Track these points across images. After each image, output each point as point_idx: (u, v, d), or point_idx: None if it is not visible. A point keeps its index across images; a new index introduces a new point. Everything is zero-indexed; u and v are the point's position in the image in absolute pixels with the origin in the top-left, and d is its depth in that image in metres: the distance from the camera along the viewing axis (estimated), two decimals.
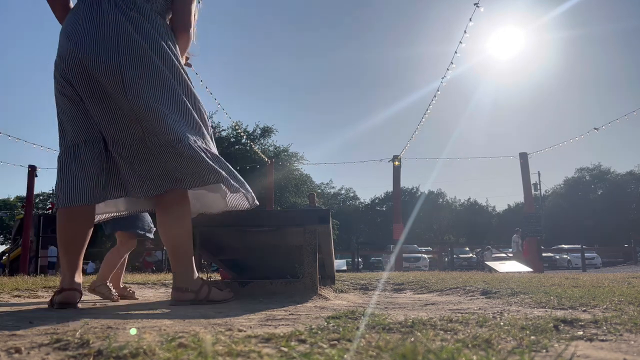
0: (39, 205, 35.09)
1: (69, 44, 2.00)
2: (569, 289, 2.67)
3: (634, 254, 20.28)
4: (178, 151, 1.98)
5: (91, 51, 1.96)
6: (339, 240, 37.16)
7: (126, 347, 0.83)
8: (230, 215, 2.54)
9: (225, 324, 1.32)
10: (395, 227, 13.66)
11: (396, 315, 1.50)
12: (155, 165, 2.02)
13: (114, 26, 2.00)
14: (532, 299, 2.15)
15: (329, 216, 2.72)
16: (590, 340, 1.04)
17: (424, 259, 22.50)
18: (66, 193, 1.98)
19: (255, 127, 31.45)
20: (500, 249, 19.23)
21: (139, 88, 1.97)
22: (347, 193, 58.57)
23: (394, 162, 13.74)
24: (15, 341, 0.95)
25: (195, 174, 2.03)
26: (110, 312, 1.85)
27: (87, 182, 1.98)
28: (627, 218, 40.38)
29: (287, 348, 0.88)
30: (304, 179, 34.32)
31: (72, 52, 1.98)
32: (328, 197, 50.87)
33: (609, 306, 1.71)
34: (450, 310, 1.85)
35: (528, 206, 13.98)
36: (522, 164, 13.52)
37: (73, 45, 1.99)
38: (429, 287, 3.64)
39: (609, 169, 48.17)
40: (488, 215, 55.37)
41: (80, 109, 2.03)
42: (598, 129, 12.11)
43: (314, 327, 1.17)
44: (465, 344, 0.93)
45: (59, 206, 2.02)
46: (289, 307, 2.01)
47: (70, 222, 2.03)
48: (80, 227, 2.05)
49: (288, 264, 3.37)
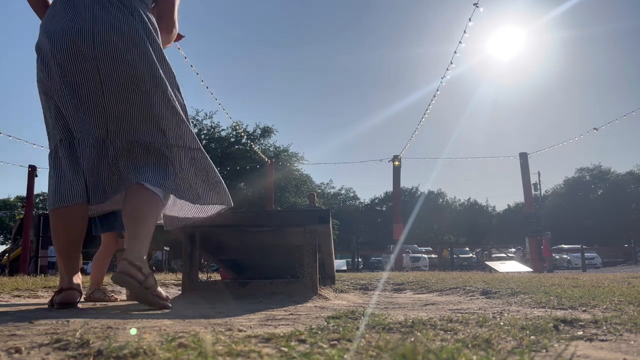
0: (39, 205, 35.06)
1: (60, 28, 1.94)
2: (569, 289, 2.67)
3: (634, 254, 20.29)
4: (196, 157, 2.09)
5: (89, 30, 1.91)
6: (339, 240, 37.17)
7: (126, 347, 0.83)
8: (231, 215, 2.54)
9: (225, 323, 1.32)
10: (395, 227, 13.67)
11: (396, 315, 1.50)
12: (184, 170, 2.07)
13: (99, 12, 1.95)
14: (532, 299, 2.15)
15: (329, 216, 2.72)
16: (590, 340, 1.04)
17: (423, 259, 22.51)
18: (55, 194, 1.95)
19: (255, 127, 31.48)
20: (500, 249, 19.23)
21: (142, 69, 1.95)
22: (347, 193, 58.60)
23: (394, 162, 13.75)
24: (15, 341, 0.95)
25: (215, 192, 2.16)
26: (110, 312, 1.85)
27: (77, 181, 1.95)
28: (627, 218, 40.38)
29: (287, 348, 0.88)
30: (304, 179, 34.32)
31: (64, 36, 1.92)
32: (328, 197, 50.86)
33: (609, 306, 1.71)
34: (450, 310, 1.85)
35: (528, 206, 13.99)
36: (522, 164, 13.53)
37: (63, 29, 1.93)
38: (429, 287, 3.64)
39: (609, 169, 48.24)
40: (488, 215, 55.38)
41: (65, 106, 1.98)
42: (598, 129, 12.12)
43: (314, 327, 1.17)
44: (465, 344, 0.93)
45: (49, 208, 1.98)
46: (289, 307, 2.01)
47: (63, 223, 1.98)
48: (73, 228, 2.00)
49: (288, 264, 3.37)
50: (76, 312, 1.83)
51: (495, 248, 19.39)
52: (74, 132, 1.99)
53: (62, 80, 1.95)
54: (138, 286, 1.82)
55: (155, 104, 2.00)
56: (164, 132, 2.03)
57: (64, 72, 1.93)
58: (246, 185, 28.54)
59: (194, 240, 2.77)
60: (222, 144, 30.64)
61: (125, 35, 1.95)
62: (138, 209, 1.94)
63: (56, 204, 1.95)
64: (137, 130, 2.00)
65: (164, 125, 2.03)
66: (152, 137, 2.02)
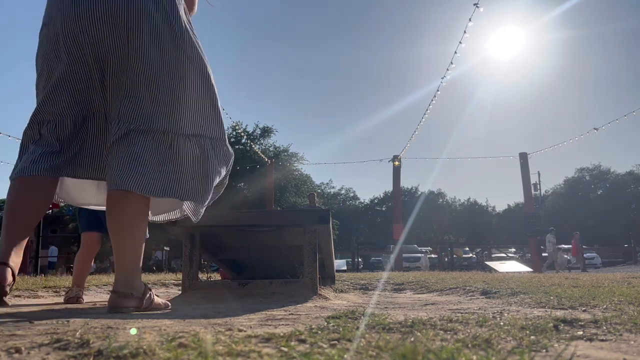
0: None
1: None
2: (569, 289, 2.67)
3: (634, 254, 20.29)
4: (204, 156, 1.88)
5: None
6: (339, 240, 37.15)
7: (126, 347, 0.83)
8: (231, 215, 2.54)
9: (225, 323, 1.32)
10: (395, 227, 13.68)
11: (396, 315, 1.50)
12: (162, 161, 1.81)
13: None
14: (532, 299, 2.15)
15: (329, 216, 2.72)
16: (590, 340, 1.04)
17: (424, 259, 22.50)
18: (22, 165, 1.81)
19: (255, 127, 31.45)
20: (500, 249, 19.25)
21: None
22: (347, 193, 58.58)
23: (394, 162, 13.76)
24: (15, 341, 0.95)
25: (202, 190, 1.89)
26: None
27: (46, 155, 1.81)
28: (627, 218, 40.39)
29: (287, 348, 0.88)
30: (304, 179, 34.32)
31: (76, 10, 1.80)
32: (328, 197, 50.87)
33: (609, 306, 1.71)
34: (450, 310, 1.85)
35: (528, 206, 13.99)
36: (522, 164, 13.54)
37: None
38: (429, 287, 3.65)
39: (609, 169, 48.21)
40: (488, 215, 55.38)
41: (70, 80, 1.85)
42: (598, 129, 12.12)
43: (314, 327, 1.17)
44: (465, 343, 0.93)
45: (10, 178, 1.84)
46: (289, 307, 2.01)
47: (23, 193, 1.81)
48: (32, 200, 1.81)
49: (288, 264, 3.38)
50: (76, 312, 1.83)
51: (495, 248, 19.40)
52: (80, 108, 1.86)
53: (70, 55, 1.83)
54: (139, 310, 1.77)
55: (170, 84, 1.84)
56: (179, 118, 1.85)
57: (72, 46, 1.82)
58: (246, 185, 28.54)
59: (194, 240, 2.77)
60: None
61: (134, 9, 1.82)
62: (122, 220, 1.78)
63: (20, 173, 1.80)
64: (147, 114, 1.81)
65: (177, 110, 1.85)
66: (163, 124, 1.82)
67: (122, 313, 1.70)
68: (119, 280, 1.76)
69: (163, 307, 1.92)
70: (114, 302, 1.74)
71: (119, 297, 1.74)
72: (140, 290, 1.79)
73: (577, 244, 15.39)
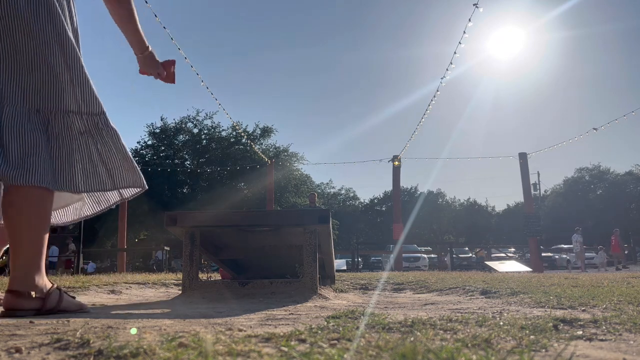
0: None
1: None
2: (569, 288, 2.67)
3: (634, 254, 20.27)
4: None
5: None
6: (339, 240, 37.15)
7: (126, 347, 0.83)
8: (231, 215, 2.54)
9: (225, 323, 1.32)
10: (395, 227, 13.68)
11: (396, 315, 1.50)
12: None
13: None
14: (531, 299, 2.15)
15: (329, 216, 2.72)
16: (589, 340, 1.04)
17: (423, 258, 22.50)
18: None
19: (255, 127, 31.46)
20: (499, 248, 19.25)
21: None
22: (347, 193, 58.54)
23: (394, 162, 13.76)
24: (15, 341, 0.95)
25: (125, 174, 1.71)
26: (110, 312, 1.86)
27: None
28: (627, 218, 40.37)
29: (287, 348, 0.88)
30: (304, 179, 34.31)
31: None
32: (328, 197, 50.86)
33: (609, 306, 1.72)
34: (449, 309, 1.85)
35: (528, 206, 13.99)
36: (522, 164, 13.53)
37: None
38: (429, 287, 3.65)
39: (609, 169, 48.19)
40: (488, 215, 55.39)
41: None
42: (597, 129, 12.13)
43: (314, 326, 1.17)
44: (464, 343, 0.93)
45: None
46: (289, 307, 2.01)
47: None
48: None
49: (288, 264, 3.38)
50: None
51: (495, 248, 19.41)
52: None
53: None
54: (42, 312, 1.55)
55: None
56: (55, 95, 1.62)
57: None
58: (246, 185, 28.55)
59: (194, 240, 2.77)
60: (222, 144, 30.63)
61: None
62: (12, 212, 1.57)
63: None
64: (29, 95, 1.59)
65: (54, 87, 1.62)
66: (44, 103, 1.61)
67: (18, 317, 1.45)
68: (13, 278, 1.54)
69: (75, 308, 1.69)
70: (9, 304, 1.50)
71: (15, 297, 1.51)
72: (42, 289, 1.57)
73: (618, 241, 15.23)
